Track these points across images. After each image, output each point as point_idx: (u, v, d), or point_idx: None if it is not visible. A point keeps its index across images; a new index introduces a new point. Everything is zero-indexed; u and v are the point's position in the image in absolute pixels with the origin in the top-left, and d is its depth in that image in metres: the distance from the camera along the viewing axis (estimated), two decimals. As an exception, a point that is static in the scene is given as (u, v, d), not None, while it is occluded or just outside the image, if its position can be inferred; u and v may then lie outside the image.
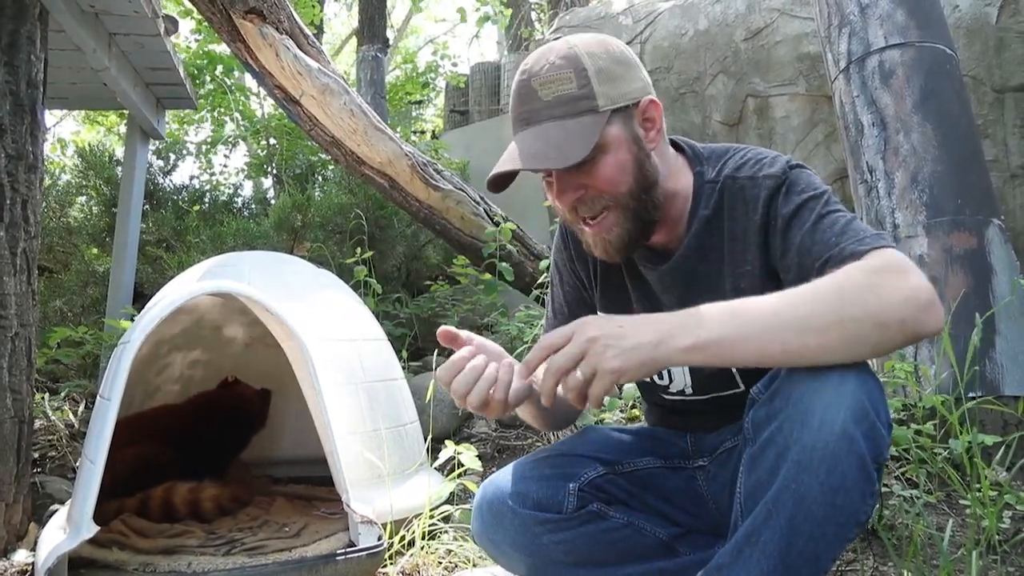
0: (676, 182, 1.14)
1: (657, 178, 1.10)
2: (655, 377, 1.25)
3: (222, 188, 6.01)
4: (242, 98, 7.07)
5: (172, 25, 3.37)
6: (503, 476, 1.21)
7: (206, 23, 3.43)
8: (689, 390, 1.22)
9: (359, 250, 3.35)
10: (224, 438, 2.30)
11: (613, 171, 1.05)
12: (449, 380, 1.01)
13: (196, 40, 7.06)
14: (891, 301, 0.88)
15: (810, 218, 1.02)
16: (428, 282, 4.20)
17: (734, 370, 1.15)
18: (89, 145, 5.41)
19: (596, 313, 1.30)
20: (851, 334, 0.88)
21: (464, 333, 1.08)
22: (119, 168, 4.68)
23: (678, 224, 1.15)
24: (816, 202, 1.03)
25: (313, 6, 7.14)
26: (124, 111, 3.92)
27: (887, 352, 0.95)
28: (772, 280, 1.08)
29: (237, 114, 6.78)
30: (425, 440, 2.18)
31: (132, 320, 2.58)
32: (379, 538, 1.67)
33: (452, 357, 1.03)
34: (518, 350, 2.92)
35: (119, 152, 5.37)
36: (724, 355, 0.90)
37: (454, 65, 9.63)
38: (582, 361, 0.90)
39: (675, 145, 1.20)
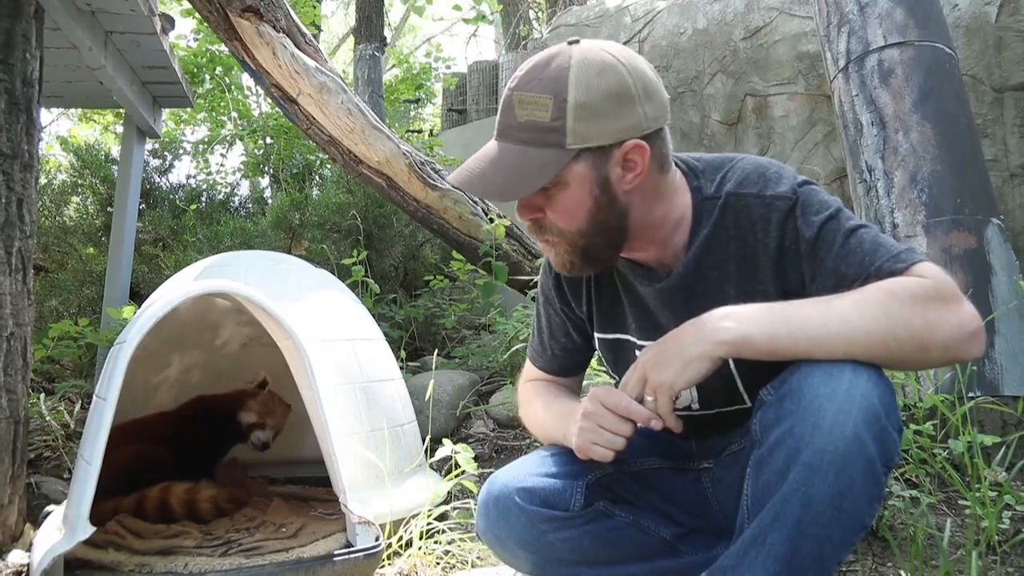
0: (671, 203, 1.11)
1: (621, 222, 1.07)
2: None
3: (219, 187, 5.99)
4: (239, 97, 7.04)
5: (168, 23, 3.36)
6: (509, 473, 1.19)
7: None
8: (696, 405, 1.21)
9: (356, 251, 3.34)
10: (224, 443, 2.29)
11: (568, 208, 1.05)
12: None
13: (196, 40, 7.03)
14: (938, 328, 0.93)
15: (836, 240, 1.02)
16: (427, 277, 4.19)
17: (740, 387, 1.15)
18: (85, 143, 5.40)
19: (579, 337, 1.33)
20: (893, 352, 0.94)
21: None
22: (115, 167, 4.67)
23: (676, 241, 1.13)
24: (836, 222, 1.03)
25: (313, 6, 7.11)
26: (120, 110, 3.91)
27: (925, 369, 0.99)
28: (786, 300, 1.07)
29: (234, 113, 6.76)
30: (423, 440, 2.17)
31: (132, 311, 2.56)
32: (376, 539, 1.66)
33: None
34: (514, 348, 2.92)
35: (115, 151, 5.36)
36: (768, 354, 0.95)
37: (447, 67, 9.60)
38: (646, 386, 1.00)
39: None
